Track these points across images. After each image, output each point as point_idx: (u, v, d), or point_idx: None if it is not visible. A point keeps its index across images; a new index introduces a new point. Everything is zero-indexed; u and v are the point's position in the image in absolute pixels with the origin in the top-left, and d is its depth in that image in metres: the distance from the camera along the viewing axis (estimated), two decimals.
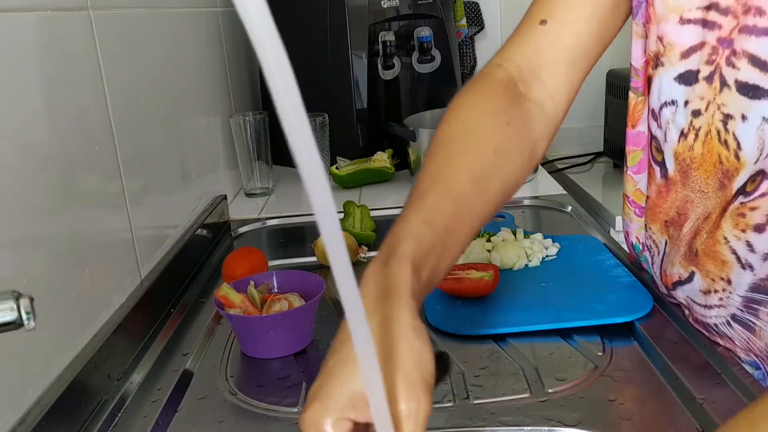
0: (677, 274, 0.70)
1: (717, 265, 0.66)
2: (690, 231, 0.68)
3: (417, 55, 1.55)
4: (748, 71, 0.59)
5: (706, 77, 0.63)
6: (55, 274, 0.66)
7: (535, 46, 0.70)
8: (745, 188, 0.62)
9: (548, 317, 0.77)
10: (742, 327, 0.67)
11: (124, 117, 0.84)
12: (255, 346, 0.76)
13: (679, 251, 0.69)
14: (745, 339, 0.67)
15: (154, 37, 0.99)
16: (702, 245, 0.66)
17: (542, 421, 0.61)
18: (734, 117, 0.61)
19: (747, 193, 0.62)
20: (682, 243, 0.69)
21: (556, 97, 0.70)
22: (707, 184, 0.66)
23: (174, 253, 0.93)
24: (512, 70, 0.70)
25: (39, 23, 0.67)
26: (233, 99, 1.41)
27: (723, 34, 0.61)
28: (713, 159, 0.64)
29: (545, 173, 1.43)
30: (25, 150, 0.63)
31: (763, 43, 0.57)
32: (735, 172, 0.62)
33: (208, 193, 1.17)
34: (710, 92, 0.63)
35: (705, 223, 0.66)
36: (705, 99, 0.63)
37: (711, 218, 0.66)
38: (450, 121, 0.66)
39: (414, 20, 1.54)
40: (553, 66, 0.70)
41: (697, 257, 0.67)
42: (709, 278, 0.67)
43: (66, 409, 0.61)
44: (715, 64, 0.62)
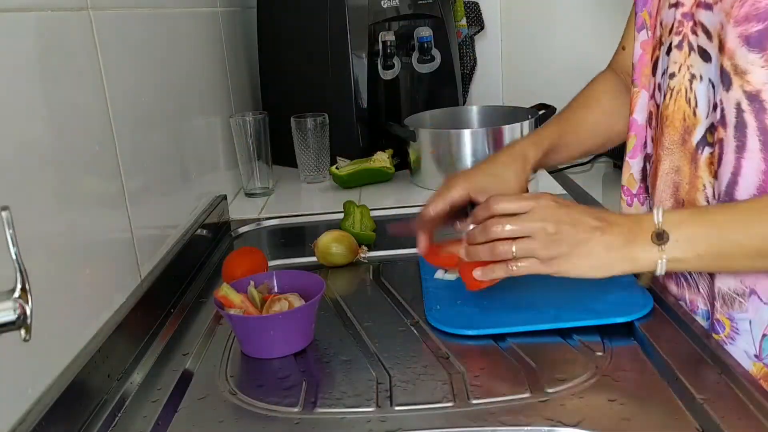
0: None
1: None
2: (667, 185, 0.80)
3: (417, 55, 1.55)
4: (702, 38, 0.73)
5: (677, 45, 0.77)
6: (55, 274, 0.66)
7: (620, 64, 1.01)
8: (707, 140, 0.74)
9: (548, 317, 0.77)
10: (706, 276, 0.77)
11: (124, 117, 0.84)
12: (255, 346, 0.76)
13: (664, 204, 0.80)
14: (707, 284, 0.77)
15: (154, 37, 0.99)
16: (686, 195, 0.77)
17: (542, 421, 0.61)
18: (696, 77, 0.75)
19: (710, 144, 0.73)
20: (665, 197, 0.80)
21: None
22: (672, 141, 0.78)
23: (174, 253, 0.93)
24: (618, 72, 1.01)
25: (39, 23, 0.67)
26: (233, 99, 1.41)
27: (685, 9, 0.76)
28: (680, 116, 0.77)
29: (545, 173, 1.43)
30: (25, 150, 0.63)
31: (708, 15, 0.72)
32: (692, 128, 0.75)
33: (208, 193, 1.18)
34: (681, 57, 0.76)
35: (679, 176, 0.78)
36: (677, 63, 0.77)
37: (683, 171, 0.77)
38: (583, 96, 1.03)
39: (414, 20, 1.54)
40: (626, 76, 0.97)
41: (683, 206, 0.78)
42: None
43: (66, 409, 0.61)
44: (682, 34, 0.76)
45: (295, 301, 0.77)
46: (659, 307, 0.78)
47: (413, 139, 1.35)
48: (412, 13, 1.52)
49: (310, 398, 0.67)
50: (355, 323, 0.82)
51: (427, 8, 1.54)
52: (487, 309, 0.81)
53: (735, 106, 0.69)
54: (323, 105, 1.45)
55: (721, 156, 0.71)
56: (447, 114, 1.53)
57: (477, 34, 1.93)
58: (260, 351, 0.76)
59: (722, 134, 0.71)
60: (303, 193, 1.41)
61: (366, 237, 1.05)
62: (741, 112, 0.68)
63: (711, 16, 0.71)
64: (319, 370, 0.73)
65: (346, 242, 0.99)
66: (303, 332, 0.77)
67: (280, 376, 0.72)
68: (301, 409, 0.66)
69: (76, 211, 0.71)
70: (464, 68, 1.91)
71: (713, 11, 0.71)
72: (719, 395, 0.62)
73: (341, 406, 0.66)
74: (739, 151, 0.70)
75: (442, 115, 1.52)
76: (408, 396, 0.67)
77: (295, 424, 0.64)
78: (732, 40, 0.68)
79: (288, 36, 1.52)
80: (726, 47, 0.69)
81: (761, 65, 0.67)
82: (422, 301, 0.85)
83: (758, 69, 0.67)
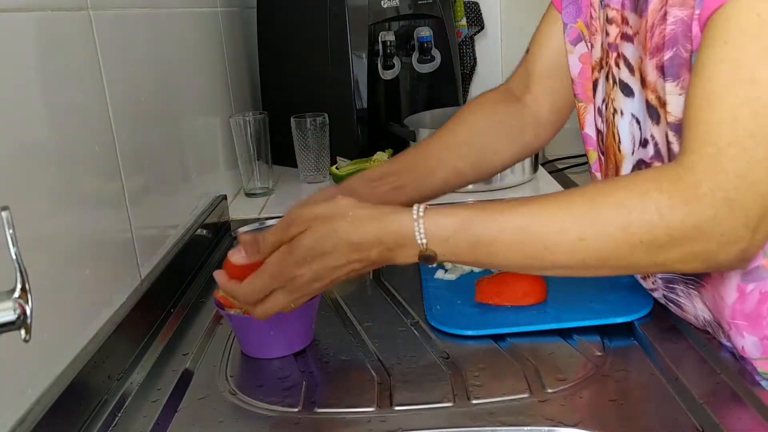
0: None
1: None
2: None
3: (417, 55, 1.55)
4: (624, 71, 0.69)
5: (605, 76, 0.74)
6: (55, 274, 0.66)
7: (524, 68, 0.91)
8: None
9: (548, 317, 0.77)
10: (674, 306, 0.75)
11: (124, 117, 0.84)
12: (255, 346, 0.76)
13: None
14: (682, 317, 0.75)
15: (154, 37, 0.99)
16: None
17: (542, 421, 0.61)
18: (617, 112, 0.72)
19: None
20: None
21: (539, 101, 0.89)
22: (610, 175, 0.76)
23: (174, 253, 0.93)
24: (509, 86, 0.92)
25: (39, 23, 0.67)
26: (233, 99, 1.41)
27: (611, 40, 0.71)
28: (613, 151, 0.74)
29: (545, 173, 1.43)
30: (25, 150, 0.63)
31: (630, 48, 0.68)
32: (620, 164, 0.73)
33: (208, 193, 1.17)
34: (608, 89, 0.73)
35: None
36: (607, 95, 0.74)
37: None
38: (459, 129, 0.89)
39: (414, 20, 1.54)
40: (537, 78, 0.88)
41: None
42: None
43: (66, 409, 0.61)
44: (608, 65, 0.72)
45: None
46: (659, 307, 0.78)
47: (413, 139, 1.35)
48: (412, 13, 1.52)
49: (310, 398, 0.67)
50: (355, 323, 0.82)
51: (427, 8, 1.54)
52: (487, 309, 0.81)
53: (665, 139, 0.65)
54: (323, 105, 1.45)
55: None
56: (447, 114, 1.52)
57: (477, 34, 1.93)
58: (260, 351, 0.76)
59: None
60: (303, 193, 1.41)
61: None
62: (670, 144, 0.64)
63: (632, 48, 0.68)
64: (319, 370, 0.73)
65: None
66: (303, 332, 0.77)
67: (280, 376, 0.72)
68: (301, 409, 0.66)
69: (76, 211, 0.71)
70: (464, 68, 1.90)
71: (633, 44, 0.67)
72: (719, 395, 0.62)
73: (341, 406, 0.66)
74: None
75: (442, 115, 1.52)
76: (408, 396, 0.67)
77: (295, 424, 0.64)
78: (651, 73, 0.64)
79: (288, 36, 1.52)
80: (647, 81, 0.65)
81: (678, 93, 0.62)
82: (422, 301, 0.85)
83: (676, 97, 0.62)
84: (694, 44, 0.60)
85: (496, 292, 0.81)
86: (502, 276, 0.83)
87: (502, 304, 0.80)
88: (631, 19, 0.68)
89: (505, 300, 0.80)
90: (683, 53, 0.61)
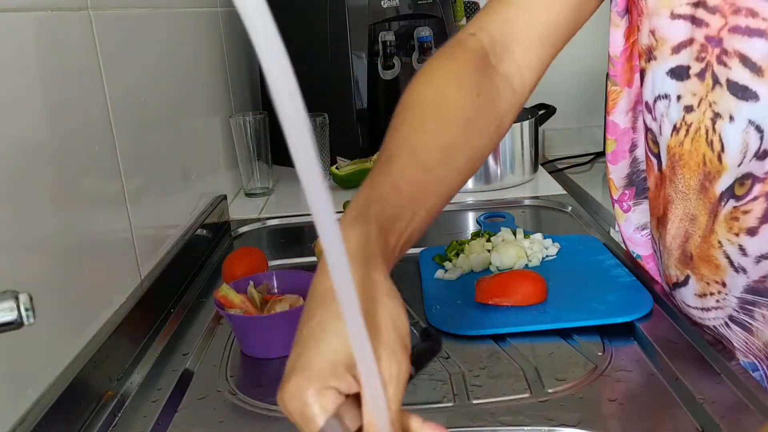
0: (674, 275, 0.70)
1: (711, 269, 0.66)
2: (678, 234, 0.68)
3: (417, 55, 1.55)
4: (739, 71, 0.59)
5: (698, 74, 0.63)
6: (55, 274, 0.66)
7: (509, 19, 0.68)
8: (734, 192, 0.62)
9: (548, 317, 0.77)
10: (740, 328, 0.68)
11: (124, 117, 0.84)
12: (255, 346, 0.76)
13: (672, 254, 0.69)
14: (743, 339, 0.68)
15: (154, 37, 0.99)
16: (696, 249, 0.66)
17: (542, 421, 0.61)
18: (722, 116, 0.61)
19: (738, 197, 0.62)
20: (674, 246, 0.69)
21: (525, 73, 0.69)
22: (688, 185, 0.65)
23: (174, 253, 0.93)
24: (485, 40, 0.67)
25: (39, 23, 0.67)
26: (233, 99, 1.41)
27: (711, 32, 0.60)
28: (698, 159, 0.64)
29: (545, 173, 1.43)
30: (25, 150, 0.63)
31: (754, 44, 0.58)
32: (717, 175, 0.62)
33: (208, 193, 1.17)
34: (702, 89, 0.62)
35: (693, 226, 0.66)
36: (697, 95, 0.63)
37: (699, 221, 0.65)
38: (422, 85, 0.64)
39: (414, 20, 1.54)
40: (526, 41, 0.68)
41: (692, 261, 0.67)
42: (704, 281, 0.67)
43: (66, 409, 0.61)
44: (705, 61, 0.62)
45: (295, 301, 0.77)
46: (659, 307, 0.78)
47: None
48: (412, 13, 1.52)
49: None
50: None
51: (427, 8, 1.54)
52: (487, 309, 0.81)
53: None
54: (323, 105, 1.45)
55: None
56: None
57: None
58: (260, 351, 0.76)
59: None
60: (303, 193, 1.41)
61: None
62: None
63: (762, 43, 0.57)
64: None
65: None
66: None
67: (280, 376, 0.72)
68: None
69: (76, 211, 0.71)
70: None
71: (765, 38, 0.57)
72: (719, 395, 0.62)
73: None
74: None
75: None
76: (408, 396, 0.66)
77: None
78: None
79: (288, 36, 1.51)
80: None
81: None
82: (422, 301, 0.85)
83: None
84: None
85: (497, 292, 0.81)
86: (502, 276, 0.83)
87: (501, 305, 0.80)
88: (762, 9, 0.57)
89: (505, 300, 0.80)
90: None
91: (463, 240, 0.97)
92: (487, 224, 1.12)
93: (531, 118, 1.36)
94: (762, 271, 0.63)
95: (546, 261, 0.93)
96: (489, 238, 0.97)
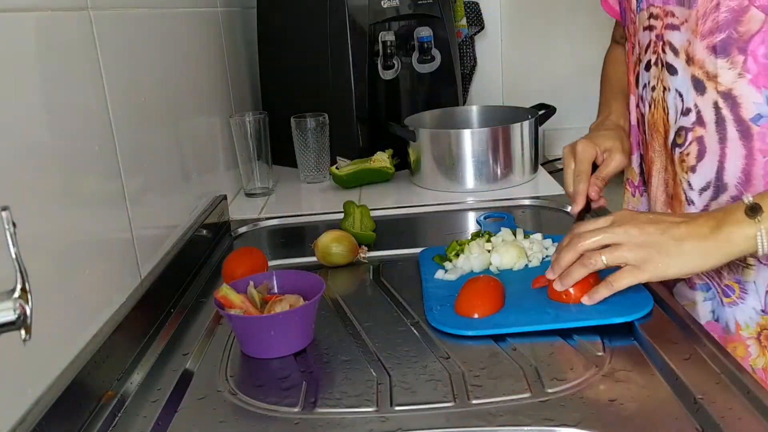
0: None
1: (679, 205, 0.88)
2: (660, 183, 0.91)
3: (417, 55, 1.55)
4: (669, 55, 0.85)
5: (654, 62, 0.89)
6: (55, 274, 0.66)
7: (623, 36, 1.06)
8: (676, 141, 0.86)
9: (548, 317, 0.77)
10: None
11: (124, 117, 0.84)
12: (255, 346, 0.76)
13: (659, 200, 0.92)
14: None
15: (154, 37, 0.99)
16: (672, 190, 0.89)
17: (542, 421, 0.61)
18: (667, 89, 0.86)
19: (680, 144, 0.86)
20: (659, 193, 0.92)
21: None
22: (660, 144, 0.90)
23: (174, 253, 0.93)
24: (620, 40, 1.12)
25: (39, 23, 0.67)
26: (233, 99, 1.42)
27: (657, 32, 0.87)
28: (660, 123, 0.89)
29: (545, 173, 1.43)
30: (25, 150, 0.63)
31: (676, 35, 0.84)
32: (667, 132, 0.88)
33: (208, 193, 1.18)
34: (657, 72, 0.88)
35: (666, 174, 0.90)
36: (656, 77, 0.89)
37: (668, 170, 0.89)
38: (611, 65, 1.13)
39: (414, 20, 1.54)
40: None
41: (672, 200, 0.89)
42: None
43: (66, 409, 0.61)
44: (657, 52, 0.88)
45: (295, 301, 0.77)
46: (659, 307, 0.78)
47: (413, 139, 1.35)
48: (412, 13, 1.51)
49: (310, 398, 0.67)
50: (355, 323, 0.82)
51: (427, 8, 1.54)
52: None
53: (713, 106, 0.81)
54: (323, 105, 1.45)
55: (704, 150, 0.83)
56: (447, 114, 1.53)
57: (477, 34, 1.93)
58: (260, 351, 0.76)
59: (701, 132, 0.83)
60: (303, 193, 1.41)
61: (366, 237, 1.05)
62: (719, 110, 0.80)
63: (679, 35, 0.83)
64: (319, 370, 0.73)
65: (346, 242, 0.99)
66: (303, 332, 0.77)
67: (280, 376, 0.72)
68: (301, 409, 0.66)
69: (76, 211, 0.71)
70: (464, 68, 1.90)
71: (680, 31, 0.83)
72: (719, 395, 0.62)
73: (341, 406, 0.66)
74: (721, 141, 0.81)
75: (442, 115, 1.52)
76: (408, 396, 0.67)
77: (295, 424, 0.64)
78: (700, 52, 0.81)
79: (288, 36, 1.52)
80: (695, 59, 0.81)
81: (728, 67, 0.79)
82: (422, 301, 0.85)
83: (726, 71, 0.79)
84: (745, 27, 0.76)
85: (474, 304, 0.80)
86: (478, 289, 0.82)
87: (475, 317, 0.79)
88: (677, 12, 0.83)
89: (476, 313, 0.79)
90: (734, 35, 0.77)
91: (463, 240, 0.97)
92: (486, 224, 1.12)
93: (531, 118, 1.36)
94: (704, 201, 0.84)
95: (546, 261, 0.93)
96: (489, 238, 0.97)
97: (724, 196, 0.82)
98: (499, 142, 1.32)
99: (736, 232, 0.70)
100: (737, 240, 0.71)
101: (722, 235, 0.71)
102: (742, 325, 0.83)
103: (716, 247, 0.71)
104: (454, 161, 1.32)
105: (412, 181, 1.40)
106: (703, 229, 0.72)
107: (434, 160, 1.34)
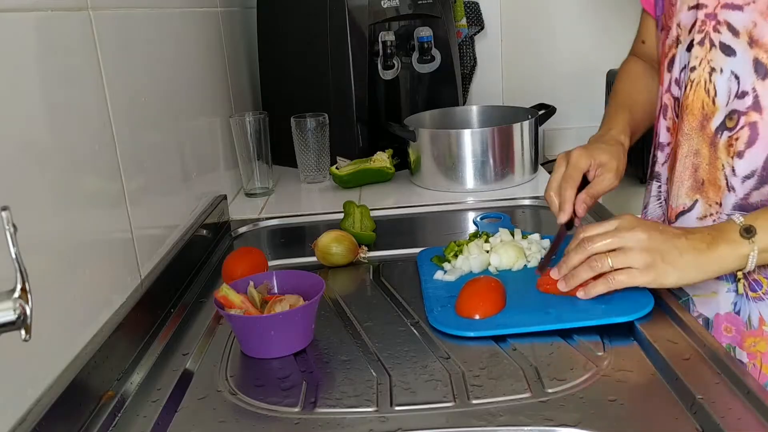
0: (682, 204, 0.89)
1: (715, 190, 0.85)
2: (686, 167, 0.88)
3: (417, 55, 1.55)
4: (726, 35, 0.82)
5: (699, 42, 0.85)
6: (55, 274, 0.66)
7: (642, 52, 1.10)
8: (726, 125, 0.83)
9: (548, 317, 0.77)
10: None
11: (124, 117, 0.84)
12: (255, 346, 0.76)
13: (684, 184, 0.89)
14: None
15: (154, 37, 0.99)
16: (707, 175, 0.86)
17: (542, 421, 0.61)
18: (716, 70, 0.84)
19: (730, 128, 0.83)
20: (684, 177, 0.89)
21: (655, 66, 1.07)
22: (691, 127, 0.87)
23: (174, 253, 0.93)
24: (647, 58, 1.10)
25: (39, 23, 0.67)
26: (233, 99, 1.42)
27: (709, 11, 0.84)
28: (699, 105, 0.86)
29: (545, 173, 1.43)
30: (25, 150, 0.63)
31: (737, 14, 0.81)
32: (711, 115, 0.85)
33: (208, 193, 1.18)
34: (702, 52, 0.85)
35: (698, 158, 0.87)
36: (698, 57, 0.85)
37: (702, 153, 0.86)
38: (624, 80, 1.10)
39: (414, 20, 1.54)
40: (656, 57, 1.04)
41: (703, 186, 0.86)
42: (707, 204, 0.86)
43: (66, 409, 0.61)
44: (704, 32, 0.85)
45: (295, 301, 0.77)
46: (659, 307, 0.78)
47: (413, 139, 1.35)
48: (412, 13, 1.51)
49: (310, 398, 0.67)
50: (355, 323, 0.82)
51: (427, 8, 1.54)
52: None
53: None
54: (323, 105, 1.45)
55: (756, 136, 0.81)
56: (447, 114, 1.53)
57: (477, 34, 1.93)
58: (260, 351, 0.76)
59: (755, 117, 0.81)
60: (303, 193, 1.41)
61: (366, 237, 1.05)
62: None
63: (741, 15, 0.81)
64: (319, 370, 0.73)
65: (346, 242, 0.99)
66: (303, 332, 0.77)
67: (280, 376, 0.72)
68: (301, 409, 0.66)
69: (76, 211, 0.71)
70: (464, 68, 1.91)
71: (743, 11, 0.80)
72: (719, 395, 0.62)
73: (341, 406, 0.66)
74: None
75: (442, 115, 1.52)
76: (408, 396, 0.67)
77: (295, 424, 0.64)
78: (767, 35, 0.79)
79: (288, 36, 1.52)
80: (761, 42, 0.79)
81: None
82: (422, 301, 0.85)
83: None
84: None
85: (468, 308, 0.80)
86: (479, 289, 0.82)
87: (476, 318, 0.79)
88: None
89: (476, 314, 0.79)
90: None
91: (461, 241, 0.97)
92: (483, 225, 1.12)
93: (531, 118, 1.36)
94: (746, 189, 0.82)
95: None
96: (487, 238, 0.96)
97: (766, 188, 0.81)
98: (499, 142, 1.32)
99: (731, 250, 0.74)
100: (730, 258, 0.75)
101: (717, 253, 0.74)
102: (767, 320, 0.83)
103: (711, 263, 0.75)
104: (454, 161, 1.32)
105: (412, 181, 1.40)
106: (701, 245, 0.75)
107: (434, 160, 1.34)
